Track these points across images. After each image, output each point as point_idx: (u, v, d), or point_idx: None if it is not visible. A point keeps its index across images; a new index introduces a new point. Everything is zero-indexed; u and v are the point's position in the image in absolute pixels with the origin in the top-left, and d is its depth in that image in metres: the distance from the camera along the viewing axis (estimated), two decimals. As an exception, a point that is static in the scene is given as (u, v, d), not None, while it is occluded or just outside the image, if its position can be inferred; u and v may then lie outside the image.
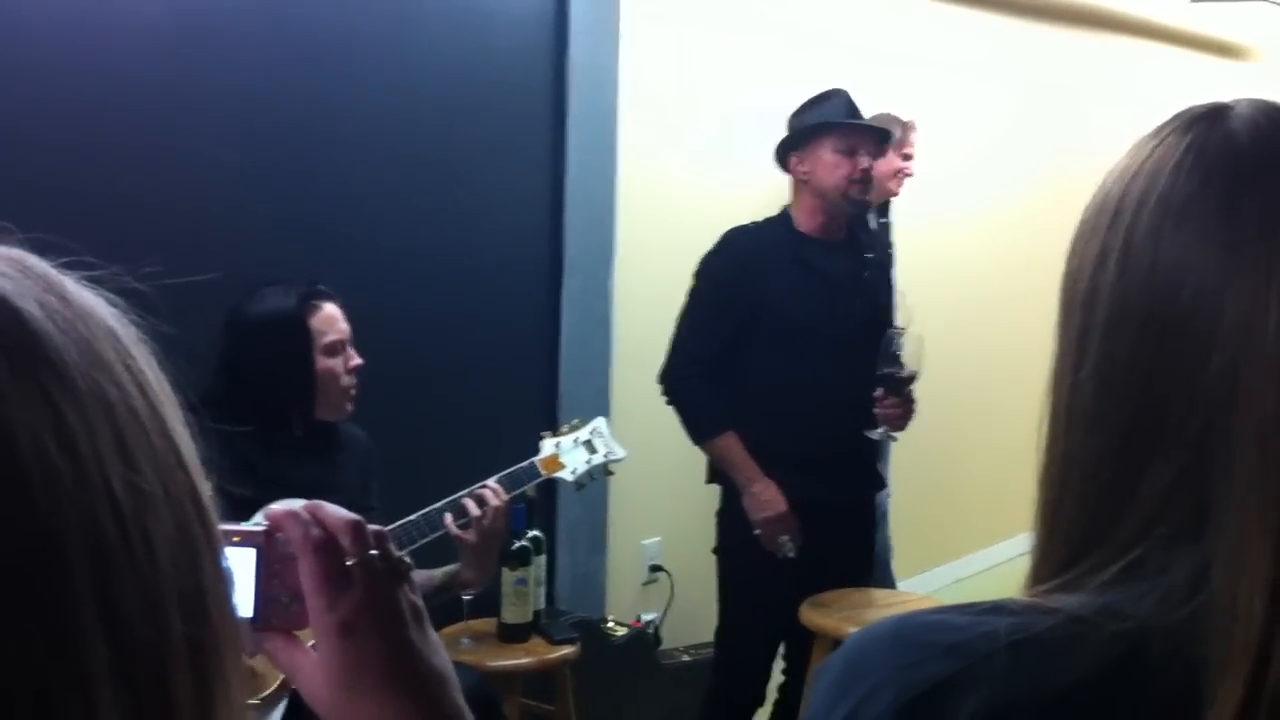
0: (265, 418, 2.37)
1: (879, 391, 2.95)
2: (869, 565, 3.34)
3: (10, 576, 0.39)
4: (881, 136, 3.21)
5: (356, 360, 2.51)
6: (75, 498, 0.41)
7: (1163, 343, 0.64)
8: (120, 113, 2.81)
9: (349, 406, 2.52)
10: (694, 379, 3.11)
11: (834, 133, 3.07)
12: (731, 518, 3.14)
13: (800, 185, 3.14)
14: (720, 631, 3.27)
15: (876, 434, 3.01)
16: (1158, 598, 0.60)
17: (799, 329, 3.03)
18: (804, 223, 3.14)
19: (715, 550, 3.22)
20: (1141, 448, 0.64)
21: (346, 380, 2.49)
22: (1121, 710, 0.59)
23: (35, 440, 0.40)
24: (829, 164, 3.06)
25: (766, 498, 3.02)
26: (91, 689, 0.40)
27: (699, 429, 3.13)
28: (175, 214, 2.86)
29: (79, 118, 2.74)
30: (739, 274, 3.08)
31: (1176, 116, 0.71)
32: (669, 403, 3.15)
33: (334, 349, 2.47)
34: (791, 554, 3.04)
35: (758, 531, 3.04)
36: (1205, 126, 0.68)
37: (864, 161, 3.06)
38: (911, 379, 2.95)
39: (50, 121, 2.70)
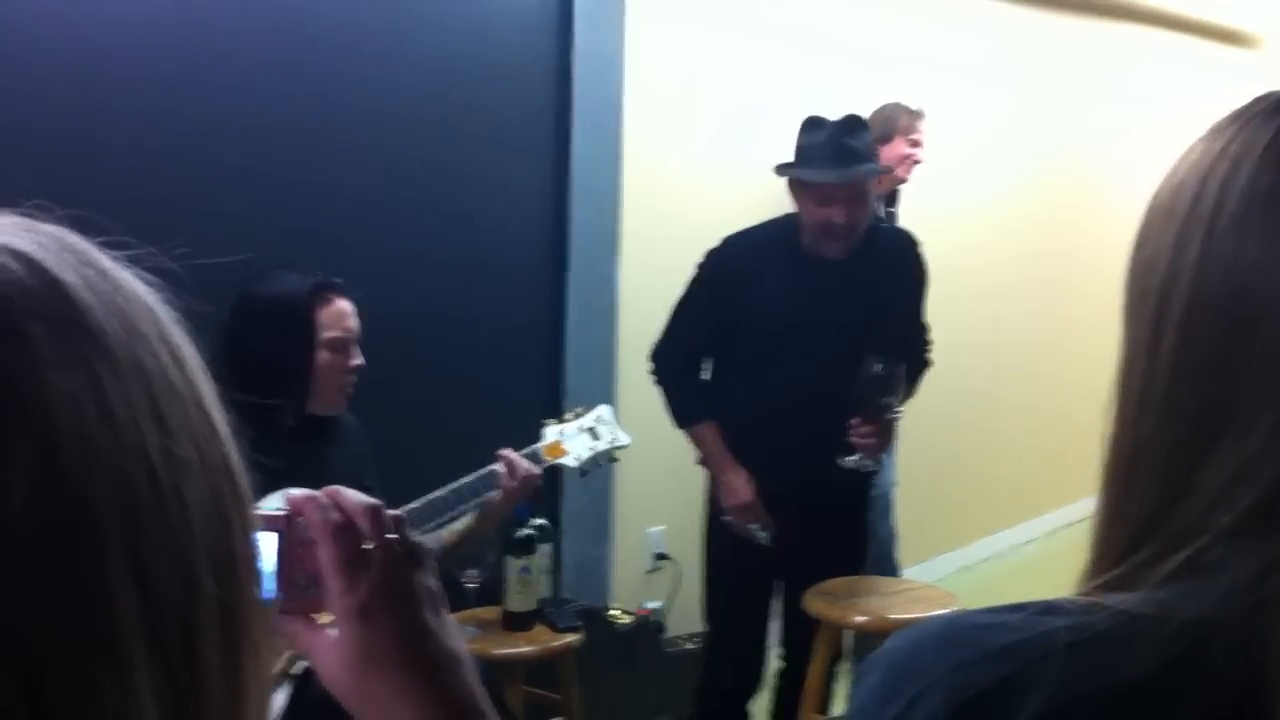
0: (257, 400, 2.33)
1: (855, 420, 2.91)
2: (861, 555, 3.32)
3: (44, 536, 0.39)
4: (856, 194, 2.96)
5: (358, 360, 2.47)
6: (112, 460, 0.41)
7: (1241, 333, 0.62)
8: (126, 111, 2.82)
9: (343, 403, 2.50)
10: (679, 366, 3.16)
11: (809, 185, 2.96)
12: (713, 500, 3.19)
13: None
14: (706, 615, 3.30)
15: (850, 462, 2.95)
16: (1220, 594, 0.59)
17: (779, 345, 3.02)
18: (802, 234, 3.07)
19: (702, 531, 3.27)
20: (1210, 435, 0.62)
21: (344, 379, 2.46)
22: (1184, 708, 0.58)
23: (74, 403, 0.41)
24: (805, 210, 3.00)
25: (734, 486, 3.06)
26: (123, 649, 0.41)
27: (679, 416, 3.19)
28: (182, 205, 2.86)
29: (92, 114, 2.76)
30: (726, 276, 3.07)
31: (1259, 100, 0.68)
32: (655, 383, 3.20)
33: (336, 345, 2.43)
34: (766, 542, 3.07)
35: (727, 518, 3.09)
36: None
37: (837, 215, 2.92)
38: (887, 407, 2.90)
39: (80, 111, 2.73)
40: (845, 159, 2.92)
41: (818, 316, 3.02)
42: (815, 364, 3.00)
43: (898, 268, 3.17)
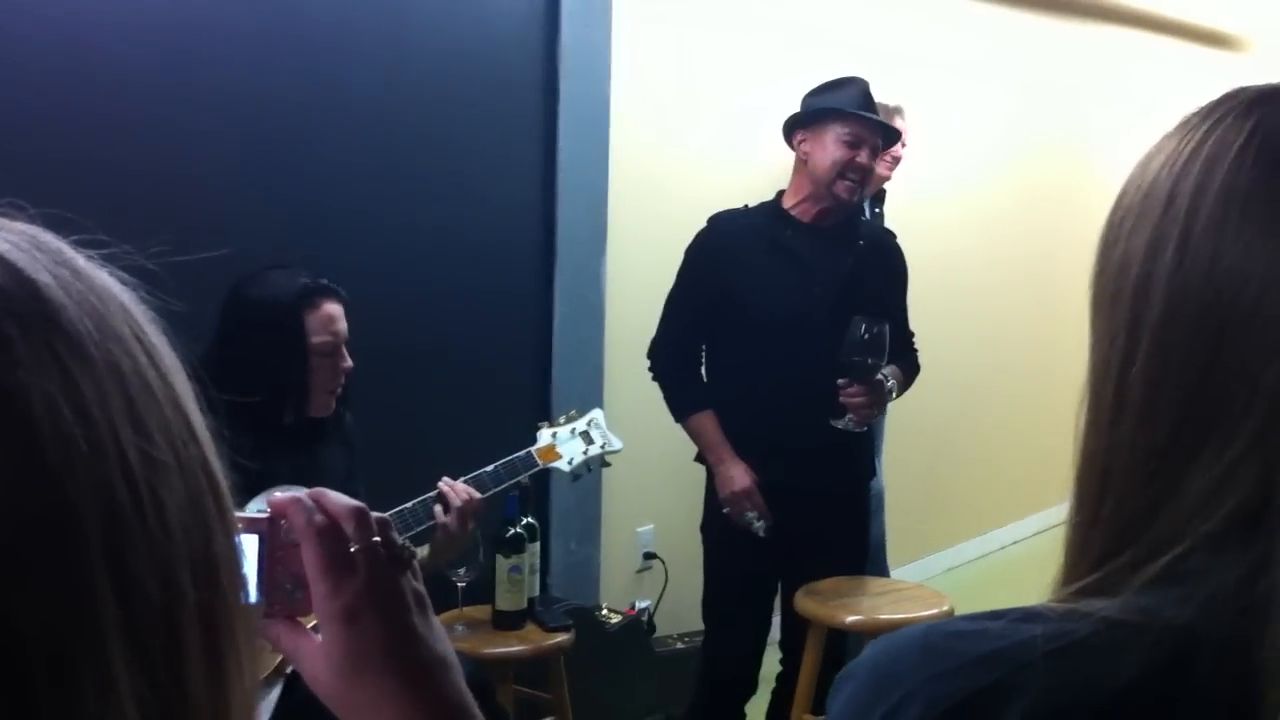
0: (251, 400, 2.31)
1: (842, 380, 2.95)
2: (862, 553, 3.33)
3: (24, 538, 0.39)
4: (889, 135, 3.22)
5: (347, 364, 2.46)
6: (89, 462, 0.41)
7: (1223, 338, 0.61)
8: (123, 95, 2.81)
9: (332, 405, 2.49)
10: (675, 357, 3.16)
11: (843, 120, 3.06)
12: (713, 495, 3.18)
13: (799, 165, 3.15)
14: (704, 610, 3.29)
15: (841, 423, 2.98)
16: (1202, 601, 0.58)
17: (769, 313, 3.04)
18: (791, 203, 3.14)
19: (701, 528, 3.26)
20: (1192, 441, 0.61)
21: (333, 383, 2.46)
22: (1169, 716, 0.57)
23: (50, 405, 0.41)
24: (829, 150, 3.05)
25: (732, 474, 3.06)
26: (105, 651, 0.41)
27: (677, 407, 3.19)
28: (167, 195, 2.85)
29: (84, 102, 2.75)
30: (715, 256, 3.10)
31: (1231, 97, 0.67)
32: (653, 379, 3.20)
33: (325, 350, 2.42)
34: (762, 533, 3.06)
35: (725, 510, 3.08)
36: (1269, 109, 0.65)
37: (862, 156, 3.05)
38: (875, 368, 2.93)
39: (58, 105, 2.71)
40: (875, 110, 3.14)
41: (807, 296, 3.05)
42: (807, 344, 3.02)
43: (881, 252, 3.24)
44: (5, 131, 2.63)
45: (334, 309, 2.44)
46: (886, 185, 4.29)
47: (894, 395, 3.12)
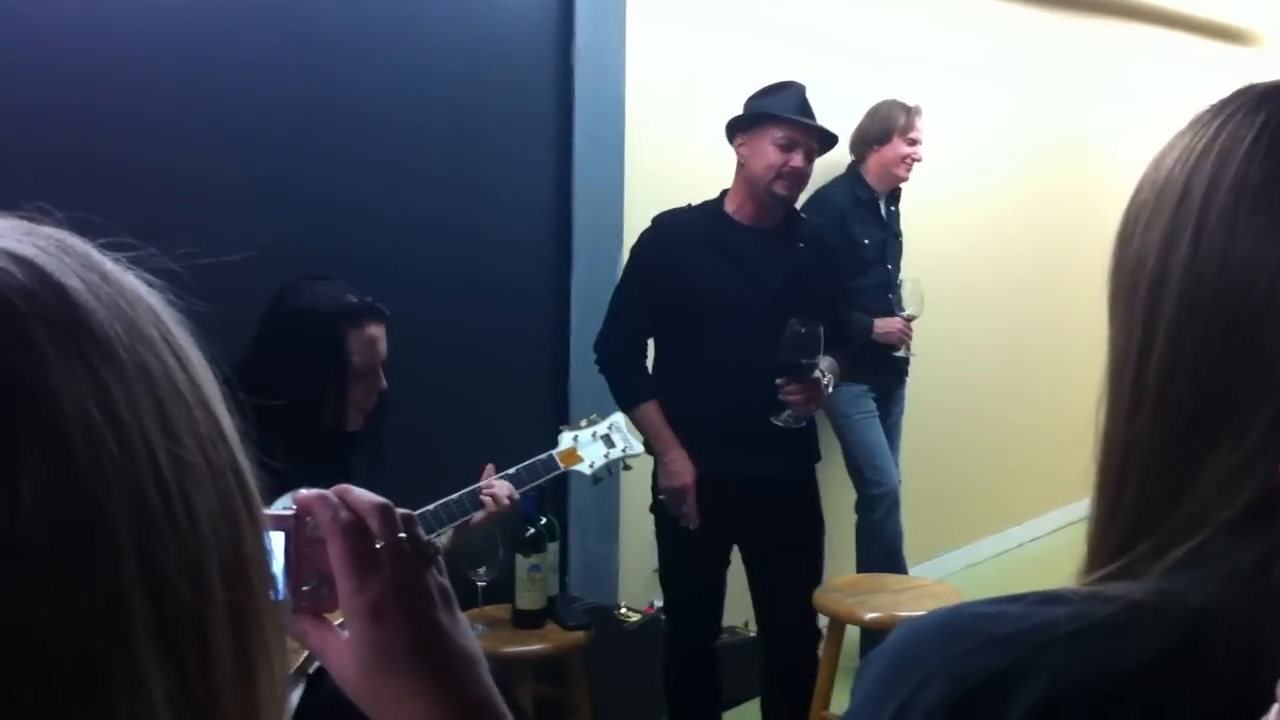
0: (283, 407, 2.31)
1: (782, 379, 2.97)
2: (813, 533, 3.30)
3: (55, 541, 0.39)
4: (825, 140, 3.18)
5: (382, 384, 2.47)
6: (119, 464, 0.41)
7: (1237, 329, 0.62)
8: (147, 100, 2.84)
9: (362, 421, 2.50)
10: (622, 349, 3.21)
11: (778, 124, 3.09)
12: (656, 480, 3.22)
13: (738, 168, 3.19)
14: (662, 585, 3.34)
15: (781, 419, 3.01)
16: (1220, 583, 0.59)
17: (710, 310, 3.07)
18: (733, 205, 3.18)
19: (650, 508, 3.29)
20: (1209, 430, 0.62)
21: (367, 401, 2.46)
22: (1183, 695, 0.58)
23: (80, 408, 0.41)
24: (764, 154, 3.08)
25: (675, 469, 3.09)
26: (135, 652, 0.41)
27: (623, 397, 3.20)
28: (188, 198, 2.87)
29: (109, 106, 2.77)
30: (658, 254, 3.15)
31: (1242, 92, 0.68)
32: (600, 371, 3.23)
33: (362, 372, 2.42)
34: (692, 527, 3.09)
35: (661, 497, 3.12)
36: (1278, 104, 0.66)
37: (796, 159, 3.07)
38: (811, 367, 2.96)
39: (83, 109, 2.74)
40: (811, 115, 3.13)
41: (743, 294, 3.08)
42: (749, 340, 3.03)
43: (821, 253, 3.27)
44: (32, 136, 2.65)
45: (377, 330, 2.43)
46: (903, 185, 4.30)
47: (830, 389, 3.13)
